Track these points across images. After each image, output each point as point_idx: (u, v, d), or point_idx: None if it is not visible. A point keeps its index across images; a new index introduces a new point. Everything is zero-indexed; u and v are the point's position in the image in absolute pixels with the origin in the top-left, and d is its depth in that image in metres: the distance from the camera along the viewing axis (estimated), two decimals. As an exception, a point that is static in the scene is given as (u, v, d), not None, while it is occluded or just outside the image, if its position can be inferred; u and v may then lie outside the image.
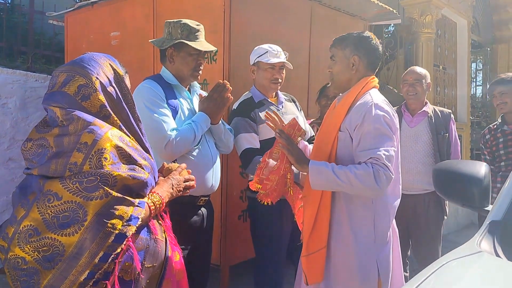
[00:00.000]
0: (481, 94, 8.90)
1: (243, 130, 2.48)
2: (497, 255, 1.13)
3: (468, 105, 7.21)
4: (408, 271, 3.11)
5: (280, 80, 2.63)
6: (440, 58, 6.66)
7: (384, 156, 1.75)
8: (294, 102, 2.86)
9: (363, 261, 1.89)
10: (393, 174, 1.76)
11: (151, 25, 3.47)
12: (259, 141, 2.51)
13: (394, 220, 2.05)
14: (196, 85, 2.32)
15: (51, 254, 1.21)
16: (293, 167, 2.13)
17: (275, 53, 2.58)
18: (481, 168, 1.46)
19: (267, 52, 2.57)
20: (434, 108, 3.05)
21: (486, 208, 1.41)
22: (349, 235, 1.91)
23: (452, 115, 3.06)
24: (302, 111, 2.87)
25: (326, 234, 1.95)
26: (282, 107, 2.70)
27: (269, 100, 2.65)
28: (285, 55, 2.65)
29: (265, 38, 3.16)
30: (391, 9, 4.29)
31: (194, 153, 2.10)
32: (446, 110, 3.08)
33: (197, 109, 2.23)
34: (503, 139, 3.00)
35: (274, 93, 2.72)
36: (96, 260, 1.22)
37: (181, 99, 2.17)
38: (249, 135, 2.48)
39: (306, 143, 2.41)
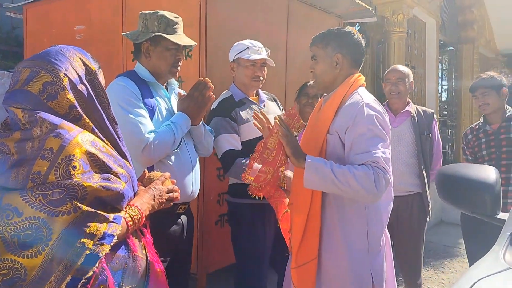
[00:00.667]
0: (446, 93, 9.08)
1: (223, 130, 2.33)
2: None
3: (437, 104, 7.34)
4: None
5: (261, 78, 2.50)
6: (410, 57, 6.72)
7: (382, 159, 1.64)
8: (276, 101, 2.74)
9: (356, 272, 1.79)
10: (391, 178, 1.66)
11: (120, 18, 3.25)
12: (241, 142, 2.37)
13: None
14: (173, 82, 2.14)
15: (11, 279, 1.04)
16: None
17: (256, 49, 2.45)
18: (492, 173, 1.37)
19: (247, 48, 2.44)
20: (416, 108, 2.99)
21: (497, 216, 1.33)
22: (341, 245, 1.80)
23: (434, 115, 3.01)
24: (283, 110, 2.75)
25: (317, 244, 1.83)
26: (264, 106, 2.57)
27: (250, 99, 2.52)
28: (267, 51, 2.52)
29: (243, 34, 3.02)
30: (367, 6, 4.23)
31: (173, 158, 1.92)
32: (428, 110, 3.03)
33: (175, 109, 2.05)
34: (485, 139, 2.96)
35: (255, 92, 2.59)
36: (63, 286, 1.05)
37: (158, 98, 1.98)
38: (230, 136, 2.34)
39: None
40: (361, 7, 4.22)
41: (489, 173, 1.37)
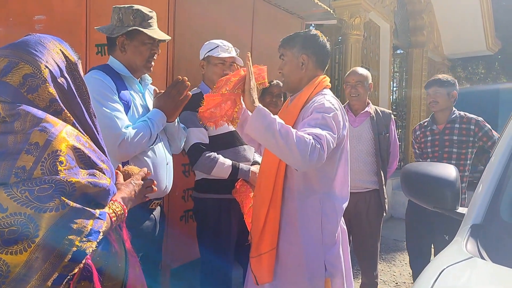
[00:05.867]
0: (396, 95, 9.49)
1: (191, 124, 2.36)
2: (482, 258, 1.17)
3: (389, 105, 7.65)
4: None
5: None
6: (366, 60, 6.98)
7: (326, 139, 1.68)
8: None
9: (311, 262, 1.90)
10: (324, 160, 1.68)
11: (83, 10, 3.15)
12: (208, 137, 2.42)
13: (342, 219, 2.05)
14: (147, 78, 2.13)
15: None
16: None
17: (226, 48, 2.51)
18: (453, 171, 1.49)
19: (217, 46, 2.50)
20: (375, 109, 3.13)
21: (457, 211, 1.45)
22: (298, 236, 1.91)
23: (392, 116, 3.17)
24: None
25: (276, 235, 1.94)
26: (232, 103, 2.61)
27: (218, 96, 2.55)
28: (236, 51, 2.58)
29: (210, 31, 3.04)
30: (328, 9, 4.36)
31: (149, 153, 1.93)
32: (387, 110, 3.18)
33: (150, 105, 2.05)
34: (431, 137, 3.17)
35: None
36: (49, 283, 1.03)
37: (132, 93, 1.97)
38: (198, 130, 2.38)
39: None
40: (323, 9, 4.35)
41: (450, 171, 1.49)
